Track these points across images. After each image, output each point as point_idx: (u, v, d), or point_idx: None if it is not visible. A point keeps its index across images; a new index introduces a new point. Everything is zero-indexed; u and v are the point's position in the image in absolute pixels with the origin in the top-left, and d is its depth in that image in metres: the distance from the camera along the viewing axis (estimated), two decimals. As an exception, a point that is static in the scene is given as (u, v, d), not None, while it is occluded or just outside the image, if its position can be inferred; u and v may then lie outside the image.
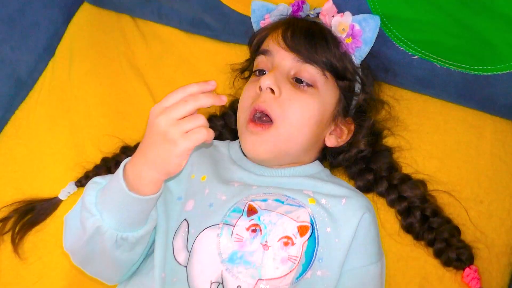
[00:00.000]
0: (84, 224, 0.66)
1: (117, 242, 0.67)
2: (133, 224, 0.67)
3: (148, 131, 0.64)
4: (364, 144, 0.83)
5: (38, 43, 1.06)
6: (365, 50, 0.80)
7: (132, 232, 0.67)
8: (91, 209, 0.66)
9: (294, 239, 0.69)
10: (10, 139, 1.01)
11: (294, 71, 0.76)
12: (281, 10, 0.84)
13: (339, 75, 0.78)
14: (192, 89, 0.63)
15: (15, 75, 1.02)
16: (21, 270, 0.89)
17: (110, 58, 1.07)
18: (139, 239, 0.68)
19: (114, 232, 0.66)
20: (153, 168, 0.64)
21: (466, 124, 0.91)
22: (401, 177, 0.85)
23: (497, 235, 0.84)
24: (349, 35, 0.79)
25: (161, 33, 1.09)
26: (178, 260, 0.71)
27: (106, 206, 0.66)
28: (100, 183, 0.69)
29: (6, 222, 0.91)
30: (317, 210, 0.72)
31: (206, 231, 0.70)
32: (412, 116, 0.92)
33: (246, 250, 0.69)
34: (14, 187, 0.96)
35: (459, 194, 0.86)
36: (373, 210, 0.77)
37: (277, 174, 0.78)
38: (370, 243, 0.74)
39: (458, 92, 0.88)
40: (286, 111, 0.74)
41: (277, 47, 0.77)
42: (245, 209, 0.71)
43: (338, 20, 0.79)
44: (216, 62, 1.03)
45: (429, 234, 0.82)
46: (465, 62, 0.81)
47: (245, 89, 0.81)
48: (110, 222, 0.65)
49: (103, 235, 0.66)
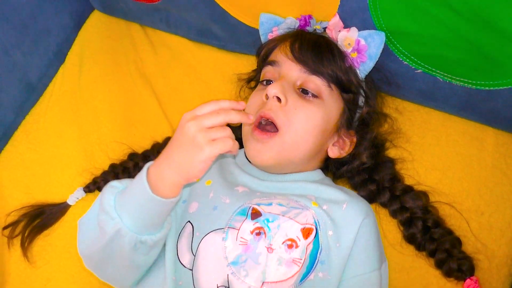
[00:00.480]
0: (104, 227, 0.67)
1: (136, 245, 0.68)
2: (152, 227, 0.69)
3: (177, 134, 0.67)
4: (366, 156, 0.84)
5: (49, 49, 1.07)
6: (369, 65, 0.81)
7: (150, 235, 0.69)
8: (110, 212, 0.67)
9: (298, 241, 0.70)
10: (20, 144, 1.02)
11: (300, 82, 0.78)
12: (289, 23, 0.86)
13: (344, 87, 0.80)
14: (224, 104, 0.67)
15: (25, 80, 1.04)
16: (30, 273, 0.90)
17: (119, 65, 1.09)
18: (156, 242, 0.70)
19: (134, 235, 0.67)
20: (176, 171, 0.66)
21: (468, 136, 0.92)
22: (403, 188, 0.86)
23: (497, 247, 0.85)
24: (354, 50, 0.81)
25: (169, 42, 1.10)
26: (182, 262, 0.72)
27: (126, 208, 0.67)
28: (117, 187, 0.71)
29: (16, 226, 0.92)
30: (320, 213, 0.73)
31: (211, 234, 0.72)
32: (414, 128, 0.93)
33: (251, 253, 0.70)
34: (24, 192, 0.97)
35: (460, 206, 0.87)
36: (373, 214, 0.78)
37: (281, 179, 0.80)
38: (371, 249, 0.74)
39: (460, 105, 0.89)
40: (292, 120, 0.75)
41: (285, 58, 0.79)
42: (249, 212, 0.72)
43: (344, 35, 0.81)
44: (223, 71, 1.04)
45: (430, 245, 0.83)
46: (468, 77, 0.82)
47: (251, 97, 0.82)
48: (130, 224, 0.67)
49: (123, 238, 0.67)
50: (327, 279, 0.71)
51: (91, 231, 0.71)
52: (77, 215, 0.93)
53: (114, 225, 0.67)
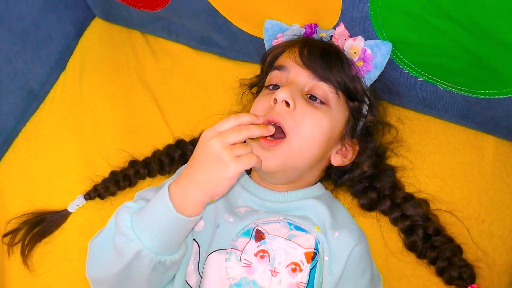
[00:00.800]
0: (122, 249, 0.65)
1: (155, 266, 0.66)
2: (173, 247, 0.68)
3: (200, 152, 0.67)
4: (367, 165, 0.84)
5: (51, 56, 1.08)
6: (375, 74, 0.81)
7: (170, 255, 0.68)
8: (128, 234, 0.65)
9: (301, 265, 0.71)
10: (21, 151, 1.02)
11: (308, 88, 0.78)
12: (295, 30, 0.86)
13: (350, 95, 0.80)
14: (244, 119, 0.68)
15: (27, 88, 1.04)
16: (30, 281, 0.90)
17: (121, 72, 1.09)
18: (175, 262, 0.69)
19: (154, 256, 0.65)
20: (201, 189, 0.65)
21: (468, 144, 0.92)
22: (404, 196, 0.86)
23: (498, 254, 0.85)
24: (360, 59, 0.81)
25: (170, 50, 1.11)
26: (189, 283, 0.72)
27: (145, 229, 0.65)
28: (132, 207, 0.69)
29: (16, 233, 0.92)
30: (321, 238, 0.74)
31: (214, 254, 0.72)
32: (415, 136, 0.94)
33: (255, 276, 0.70)
34: (24, 199, 0.97)
35: (461, 214, 0.87)
36: (365, 239, 0.78)
37: (282, 199, 0.79)
38: (360, 276, 0.75)
39: (461, 114, 0.89)
40: (299, 126, 0.74)
41: (293, 63, 0.79)
42: (253, 234, 0.73)
43: (350, 43, 0.81)
44: (224, 79, 1.04)
45: (431, 253, 0.83)
46: (468, 86, 0.83)
47: (256, 101, 0.81)
48: (150, 245, 0.65)
49: (142, 260, 0.65)
50: None
51: (106, 254, 0.69)
52: (78, 223, 0.94)
53: (134, 247, 0.65)
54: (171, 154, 0.95)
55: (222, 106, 1.01)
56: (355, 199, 0.89)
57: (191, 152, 0.94)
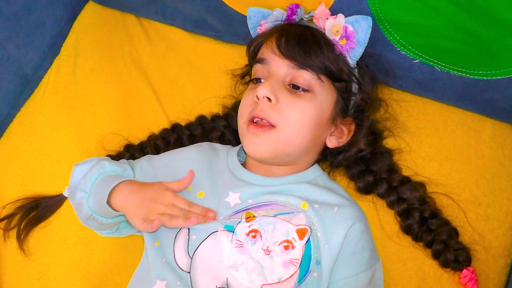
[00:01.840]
0: (76, 189, 0.81)
1: (89, 218, 0.81)
2: (105, 215, 0.80)
3: (155, 192, 0.77)
4: (364, 143, 0.84)
5: (43, 41, 1.06)
6: (359, 50, 0.80)
7: (102, 218, 0.80)
8: (85, 188, 0.80)
9: (294, 242, 0.71)
10: (15, 136, 1.02)
11: (289, 78, 0.78)
12: (276, 15, 0.85)
13: (334, 77, 0.79)
14: (196, 210, 0.77)
15: (20, 73, 1.03)
16: (26, 265, 0.90)
17: (115, 56, 1.08)
18: (107, 224, 0.82)
19: (90, 211, 0.79)
20: (131, 209, 0.77)
21: (465, 127, 0.92)
22: (401, 179, 0.86)
23: (494, 237, 0.85)
24: (342, 37, 0.80)
25: (165, 33, 1.09)
26: (180, 265, 0.73)
27: (95, 192, 0.79)
28: (105, 168, 0.82)
29: (12, 218, 0.92)
30: (310, 214, 0.74)
31: (208, 238, 0.73)
32: (412, 118, 0.93)
33: (247, 256, 0.71)
34: (19, 184, 0.97)
35: (458, 197, 0.87)
36: (365, 218, 0.79)
37: (274, 183, 0.80)
38: (359, 253, 0.75)
39: (458, 96, 0.89)
40: (286, 117, 0.75)
41: (272, 55, 0.79)
42: (243, 216, 0.74)
43: (331, 22, 0.80)
44: (220, 63, 1.03)
45: (427, 236, 0.83)
46: (465, 67, 0.82)
47: (244, 96, 0.82)
48: (91, 204, 0.79)
49: (82, 206, 0.80)
50: (320, 279, 0.72)
51: (77, 177, 0.84)
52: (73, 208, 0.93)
53: (81, 197, 0.80)
54: (167, 138, 0.95)
55: (217, 90, 1.00)
56: (351, 183, 0.89)
57: (187, 137, 0.95)
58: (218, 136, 0.94)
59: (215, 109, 0.98)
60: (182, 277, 0.72)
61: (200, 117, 0.97)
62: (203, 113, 0.98)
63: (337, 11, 0.82)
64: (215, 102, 0.99)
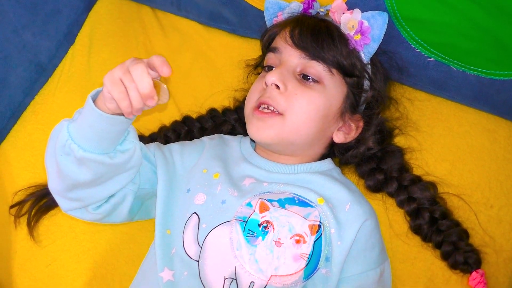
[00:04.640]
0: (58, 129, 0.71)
1: (65, 147, 0.68)
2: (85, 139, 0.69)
3: None
4: (372, 141, 0.83)
5: (59, 30, 1.07)
6: (373, 47, 0.80)
7: (79, 147, 0.68)
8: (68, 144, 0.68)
9: (305, 237, 0.71)
10: (29, 124, 1.02)
11: (300, 68, 0.78)
12: (293, 7, 0.85)
13: (346, 71, 0.79)
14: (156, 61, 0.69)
15: (35, 61, 1.04)
16: (35, 252, 0.91)
17: (129, 47, 1.08)
18: (82, 159, 0.68)
19: (67, 134, 0.68)
20: None
21: (479, 127, 0.91)
22: (412, 179, 0.85)
23: (505, 240, 0.84)
24: (357, 32, 0.79)
25: (179, 25, 1.09)
26: (188, 253, 0.73)
27: (76, 117, 0.71)
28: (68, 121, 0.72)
29: (23, 205, 0.93)
30: (325, 210, 0.74)
31: (219, 227, 0.73)
32: (425, 117, 0.92)
33: (259, 247, 0.70)
34: (31, 171, 0.98)
35: (469, 198, 0.86)
36: (375, 215, 0.78)
37: (288, 171, 0.79)
38: (369, 250, 0.75)
39: (473, 96, 0.87)
40: (293, 105, 0.75)
41: (285, 44, 0.79)
42: (257, 206, 0.73)
43: (347, 17, 0.80)
44: (233, 56, 1.03)
45: (437, 236, 0.83)
46: (482, 66, 0.81)
47: (253, 84, 0.82)
48: (72, 129, 0.69)
49: (60, 129, 0.69)
50: (329, 276, 0.72)
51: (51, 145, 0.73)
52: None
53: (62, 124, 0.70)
54: (177, 130, 0.95)
55: (230, 83, 1.00)
56: (361, 180, 0.88)
57: (197, 129, 0.95)
58: (228, 130, 0.94)
59: (226, 102, 0.98)
60: (191, 265, 0.72)
61: (211, 110, 0.97)
62: (215, 106, 0.98)
63: (353, 6, 0.81)
64: (226, 95, 0.98)
